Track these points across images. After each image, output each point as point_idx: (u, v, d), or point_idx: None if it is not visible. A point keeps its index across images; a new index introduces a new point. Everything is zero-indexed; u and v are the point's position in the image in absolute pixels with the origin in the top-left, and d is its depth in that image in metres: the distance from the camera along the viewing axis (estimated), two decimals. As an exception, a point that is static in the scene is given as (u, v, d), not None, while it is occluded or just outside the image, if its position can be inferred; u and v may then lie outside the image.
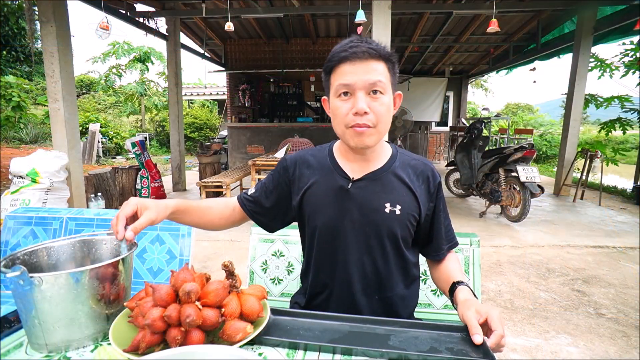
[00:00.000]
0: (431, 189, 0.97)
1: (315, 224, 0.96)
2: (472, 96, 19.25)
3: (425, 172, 0.98)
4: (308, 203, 0.97)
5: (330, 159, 0.99)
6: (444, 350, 0.71)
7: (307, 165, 1.00)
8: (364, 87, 0.84)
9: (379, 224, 0.92)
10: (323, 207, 0.95)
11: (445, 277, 0.96)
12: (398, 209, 0.92)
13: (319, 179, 0.97)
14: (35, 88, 13.54)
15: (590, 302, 2.56)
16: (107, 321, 0.76)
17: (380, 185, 0.94)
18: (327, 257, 0.97)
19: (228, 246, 3.62)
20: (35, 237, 1.21)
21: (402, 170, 0.97)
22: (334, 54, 0.87)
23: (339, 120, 0.88)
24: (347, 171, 0.96)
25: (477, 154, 4.75)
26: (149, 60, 13.60)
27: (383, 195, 0.93)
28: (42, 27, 3.62)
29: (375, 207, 0.92)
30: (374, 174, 0.95)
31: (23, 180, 3.32)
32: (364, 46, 0.84)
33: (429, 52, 8.87)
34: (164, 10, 5.93)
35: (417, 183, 0.96)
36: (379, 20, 3.81)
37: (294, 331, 0.76)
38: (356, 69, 0.83)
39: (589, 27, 5.52)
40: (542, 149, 13.04)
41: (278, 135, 8.42)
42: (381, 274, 0.95)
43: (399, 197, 0.93)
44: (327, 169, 0.98)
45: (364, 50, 0.83)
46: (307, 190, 0.97)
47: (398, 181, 0.95)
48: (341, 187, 0.94)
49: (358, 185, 0.94)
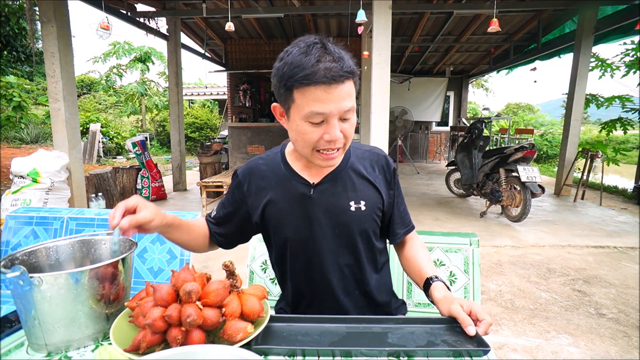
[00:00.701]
0: (388, 177, 0.97)
1: (285, 236, 0.93)
2: (472, 96, 19.23)
3: (380, 161, 0.98)
4: (271, 216, 0.93)
5: (284, 166, 0.95)
6: (440, 343, 0.73)
7: (261, 176, 0.95)
8: (337, 114, 0.77)
9: (348, 224, 0.91)
10: (288, 218, 0.91)
11: (416, 267, 0.95)
12: (363, 205, 0.92)
13: (277, 190, 0.93)
14: (36, 88, 13.56)
15: (591, 302, 2.55)
16: (107, 321, 0.76)
17: (342, 184, 0.92)
18: (302, 266, 0.95)
19: (228, 246, 3.62)
20: (36, 237, 1.21)
21: (359, 164, 0.95)
22: (300, 68, 0.74)
23: (306, 143, 0.81)
24: (305, 177, 0.92)
25: (478, 154, 4.75)
26: (150, 60, 13.61)
27: (345, 194, 0.92)
28: (42, 27, 3.62)
29: (341, 208, 0.91)
30: (333, 175, 0.92)
31: (24, 180, 3.33)
32: (337, 68, 0.74)
33: (430, 52, 8.87)
34: (165, 10, 5.94)
35: (374, 174, 0.96)
36: (380, 20, 3.81)
37: (291, 337, 0.75)
38: (331, 96, 0.75)
39: (590, 27, 5.51)
40: (543, 149, 13.03)
41: (278, 135, 8.42)
42: (357, 270, 0.96)
43: (362, 192, 0.93)
44: (284, 177, 0.93)
45: (341, 75, 0.74)
46: (267, 203, 0.93)
47: (357, 176, 0.94)
48: (303, 195, 0.91)
49: (319, 189, 0.91)
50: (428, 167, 9.87)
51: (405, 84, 9.74)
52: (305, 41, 0.78)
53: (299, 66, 0.74)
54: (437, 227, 4.20)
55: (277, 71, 0.79)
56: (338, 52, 0.77)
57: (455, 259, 1.22)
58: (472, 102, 18.10)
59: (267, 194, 0.93)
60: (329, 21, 7.32)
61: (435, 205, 5.34)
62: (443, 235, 1.24)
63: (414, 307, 1.22)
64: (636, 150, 9.79)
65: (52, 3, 3.57)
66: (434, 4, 5.60)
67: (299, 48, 0.76)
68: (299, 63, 0.74)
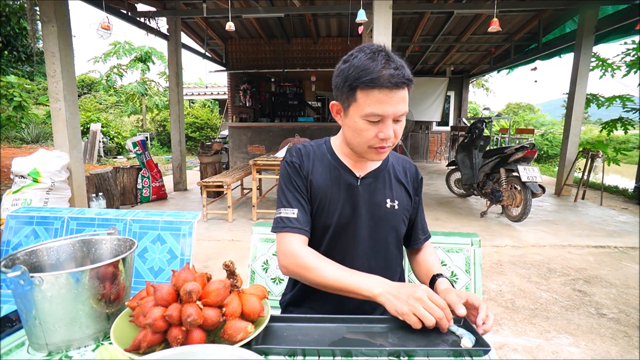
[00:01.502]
0: (415, 185, 1.07)
1: (330, 220, 0.97)
2: (473, 96, 19.22)
3: (412, 169, 1.08)
4: (319, 199, 0.97)
5: (332, 156, 1.00)
6: (440, 343, 0.73)
7: (313, 159, 1.00)
8: (394, 116, 0.85)
9: (383, 219, 0.98)
10: (337, 203, 0.96)
11: (425, 269, 1.01)
12: (396, 204, 1.00)
13: (325, 175, 0.98)
14: (36, 88, 13.58)
15: (592, 302, 2.55)
16: (107, 321, 0.76)
17: (382, 182, 1.00)
18: (336, 253, 0.97)
19: (229, 246, 3.62)
20: (37, 237, 1.21)
21: (396, 168, 1.05)
22: (367, 71, 0.82)
23: (362, 140, 0.89)
24: (352, 169, 0.99)
25: (478, 153, 4.75)
26: (150, 60, 13.62)
27: (384, 191, 1.00)
28: (43, 27, 3.62)
29: (379, 203, 0.98)
30: (376, 172, 1.00)
31: (24, 180, 3.33)
32: (400, 75, 0.82)
33: (430, 52, 8.87)
34: (165, 10, 5.94)
35: (406, 179, 1.05)
36: (380, 20, 3.80)
37: (291, 337, 0.76)
38: (391, 100, 0.83)
39: (591, 27, 5.50)
40: (544, 148, 13.02)
41: (279, 135, 8.42)
42: (383, 265, 1.01)
43: (396, 193, 1.01)
44: (332, 166, 0.99)
45: (403, 82, 0.83)
46: (316, 185, 0.97)
47: (394, 178, 1.03)
48: (350, 184, 0.97)
49: (364, 182, 0.98)
50: (428, 167, 9.87)
51: (405, 83, 9.72)
52: (370, 48, 0.86)
53: (366, 69, 0.82)
54: (437, 227, 4.19)
55: (342, 72, 0.87)
56: (400, 61, 0.86)
57: (457, 259, 1.22)
58: (472, 102, 18.10)
59: (316, 176, 0.98)
60: (330, 21, 7.32)
61: (435, 205, 5.34)
62: (444, 235, 1.24)
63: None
64: (637, 150, 9.78)
65: (52, 3, 3.57)
66: (434, 3, 5.60)
67: (364, 53, 0.85)
68: (366, 67, 0.82)
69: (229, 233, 3.97)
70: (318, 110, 9.83)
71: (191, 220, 1.18)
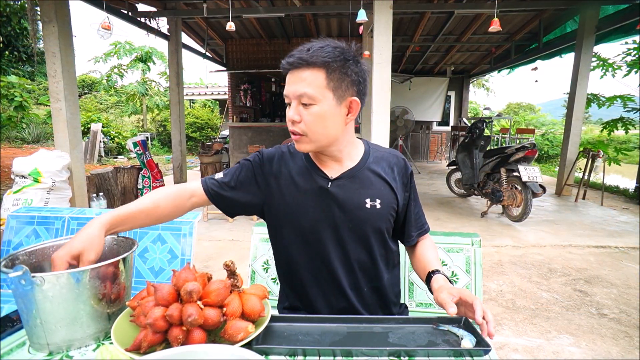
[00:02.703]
0: (405, 179, 1.02)
1: (298, 225, 0.95)
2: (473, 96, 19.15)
3: (399, 163, 1.02)
4: (286, 203, 0.95)
5: (306, 158, 0.99)
6: (441, 343, 0.74)
7: (285, 164, 0.98)
8: (295, 98, 0.86)
9: (364, 220, 0.94)
10: (305, 207, 0.94)
11: (422, 265, 0.98)
12: (378, 203, 0.95)
13: (296, 178, 0.96)
14: (37, 88, 13.59)
15: (592, 302, 2.55)
16: (108, 320, 0.76)
17: (359, 182, 0.96)
18: (310, 257, 0.96)
19: (229, 246, 3.62)
20: (38, 237, 1.22)
21: (377, 164, 0.99)
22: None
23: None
24: (324, 170, 0.96)
25: (479, 153, 4.75)
26: (151, 60, 13.61)
27: (362, 191, 0.95)
28: (44, 27, 3.62)
29: (357, 204, 0.94)
30: (351, 172, 0.96)
31: (25, 180, 3.33)
32: (297, 55, 0.85)
33: (431, 52, 8.85)
34: (166, 10, 5.94)
35: (392, 175, 1.00)
36: (380, 20, 3.80)
37: (292, 337, 0.76)
38: (289, 80, 0.86)
39: (591, 27, 5.50)
40: (544, 148, 13.01)
41: (279, 135, 8.42)
42: (367, 266, 0.98)
43: (378, 191, 0.96)
44: (304, 168, 0.97)
45: (293, 62, 0.84)
46: (284, 189, 0.96)
47: (375, 176, 0.97)
48: (321, 187, 0.94)
49: (337, 183, 0.95)
50: (429, 167, 9.87)
51: (406, 83, 9.73)
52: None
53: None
54: (438, 227, 4.19)
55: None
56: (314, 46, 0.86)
57: (457, 259, 1.22)
58: (473, 102, 18.08)
59: (287, 179, 0.96)
60: (330, 21, 7.32)
61: (436, 205, 5.33)
62: (445, 235, 1.24)
63: (416, 307, 1.22)
64: (637, 150, 9.77)
65: (53, 3, 3.58)
66: (434, 3, 5.59)
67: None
68: None
69: (229, 233, 3.97)
70: (318, 110, 9.81)
71: (192, 220, 1.18)
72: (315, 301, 0.98)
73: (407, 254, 1.11)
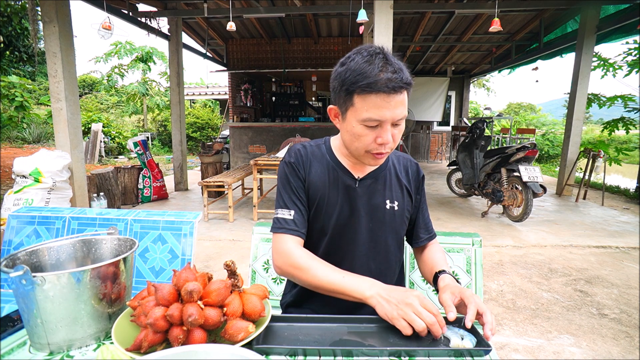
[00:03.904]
0: (417, 183, 1.05)
1: (327, 222, 0.96)
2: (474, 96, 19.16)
3: (413, 167, 1.05)
4: (317, 200, 0.96)
5: (330, 157, 0.99)
6: (441, 343, 0.74)
7: (312, 160, 0.99)
8: (392, 121, 0.83)
9: (383, 221, 0.98)
10: (335, 205, 0.96)
11: (429, 266, 1.00)
12: (396, 205, 0.99)
13: (323, 177, 0.97)
14: (38, 88, 13.62)
15: (593, 302, 2.55)
16: (109, 320, 0.76)
17: (382, 183, 0.99)
18: (334, 254, 0.97)
19: (230, 246, 3.63)
20: (38, 237, 1.22)
21: (397, 168, 1.03)
22: (363, 76, 0.79)
23: (360, 145, 0.87)
24: (351, 170, 0.98)
25: (479, 153, 4.74)
26: (151, 60, 13.63)
27: (384, 192, 0.98)
28: (45, 28, 3.63)
29: (379, 205, 0.97)
30: (375, 173, 0.99)
31: (26, 180, 3.34)
32: (397, 79, 0.79)
33: (431, 52, 8.85)
34: (166, 10, 5.95)
35: (407, 178, 1.03)
36: (381, 20, 3.80)
37: (292, 336, 0.76)
38: (389, 104, 0.80)
39: (592, 26, 5.49)
40: (545, 148, 13.00)
41: (280, 135, 8.43)
42: (383, 266, 1.00)
43: (396, 193, 1.00)
44: (330, 167, 0.98)
45: (401, 86, 0.80)
46: (313, 186, 0.96)
47: (394, 178, 1.01)
48: (349, 186, 0.96)
49: (363, 183, 0.97)
50: (429, 167, 9.86)
51: (406, 83, 9.71)
52: (367, 50, 0.83)
53: (362, 73, 0.80)
54: (438, 227, 4.18)
55: (338, 75, 0.85)
56: (398, 63, 0.82)
57: (458, 259, 1.22)
58: (473, 102, 18.08)
59: (314, 177, 0.97)
60: (330, 21, 7.32)
61: (436, 205, 5.33)
62: (445, 235, 1.24)
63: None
64: (638, 150, 9.76)
65: (54, 3, 3.58)
66: (435, 3, 5.59)
67: (362, 56, 0.82)
68: (363, 70, 0.80)
69: (229, 233, 3.98)
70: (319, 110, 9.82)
71: (192, 220, 1.18)
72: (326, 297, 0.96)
73: (414, 256, 1.13)
